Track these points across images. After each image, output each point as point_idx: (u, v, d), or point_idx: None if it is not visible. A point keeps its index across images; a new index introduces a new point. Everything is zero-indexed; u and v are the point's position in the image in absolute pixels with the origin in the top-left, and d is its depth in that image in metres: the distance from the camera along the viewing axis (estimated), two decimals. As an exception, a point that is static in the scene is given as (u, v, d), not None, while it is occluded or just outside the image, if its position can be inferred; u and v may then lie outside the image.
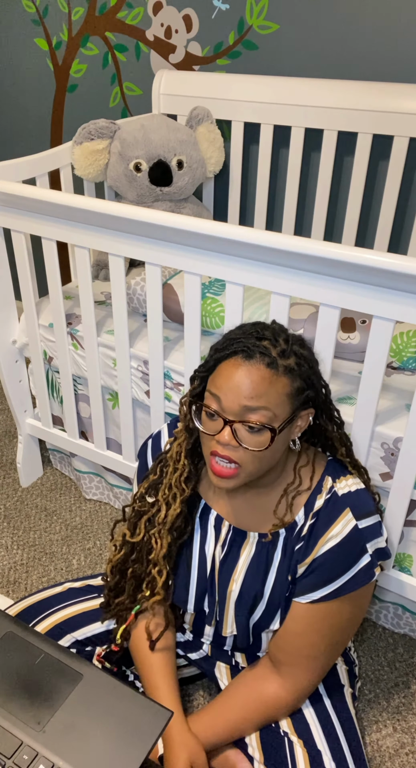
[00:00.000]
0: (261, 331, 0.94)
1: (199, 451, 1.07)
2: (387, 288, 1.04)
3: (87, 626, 1.19)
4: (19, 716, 0.74)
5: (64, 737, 0.72)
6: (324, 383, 0.99)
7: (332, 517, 1.00)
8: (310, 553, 1.00)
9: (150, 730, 0.73)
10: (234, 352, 0.92)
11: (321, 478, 1.03)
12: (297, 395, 0.94)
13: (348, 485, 1.02)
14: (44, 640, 0.83)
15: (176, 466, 1.06)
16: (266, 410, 0.90)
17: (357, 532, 0.99)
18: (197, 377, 1.00)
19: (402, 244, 1.83)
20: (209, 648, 1.20)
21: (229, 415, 0.91)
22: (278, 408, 0.92)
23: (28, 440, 1.89)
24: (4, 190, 1.34)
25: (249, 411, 0.90)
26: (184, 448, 1.05)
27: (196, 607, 1.12)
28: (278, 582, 1.04)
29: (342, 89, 1.66)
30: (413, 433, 1.14)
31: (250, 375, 0.90)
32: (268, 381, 0.90)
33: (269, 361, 0.91)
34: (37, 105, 2.27)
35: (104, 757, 0.71)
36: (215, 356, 0.95)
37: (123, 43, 2.00)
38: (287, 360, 0.92)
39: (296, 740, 1.05)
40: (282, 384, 0.92)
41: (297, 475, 1.02)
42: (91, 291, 1.45)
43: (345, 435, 1.06)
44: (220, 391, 0.92)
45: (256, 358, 0.91)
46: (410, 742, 1.30)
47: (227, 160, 1.90)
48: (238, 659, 1.18)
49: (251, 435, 0.91)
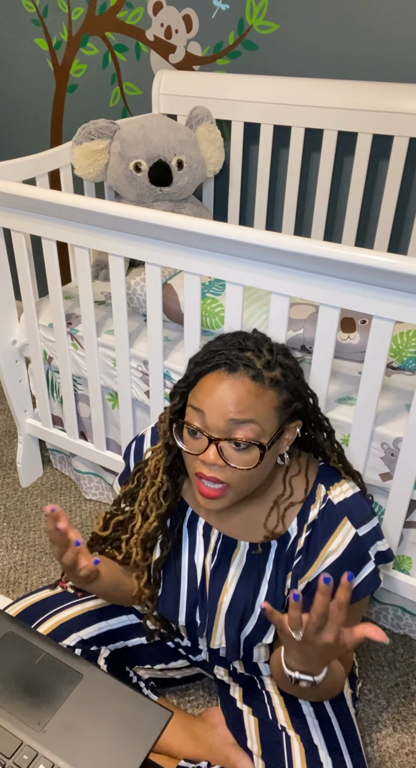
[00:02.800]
0: (243, 341, 0.90)
1: (179, 466, 1.03)
2: (387, 288, 1.04)
3: (91, 626, 1.19)
4: (19, 716, 0.74)
5: (64, 737, 0.73)
6: (311, 392, 0.95)
7: (330, 528, 0.96)
8: (310, 568, 0.97)
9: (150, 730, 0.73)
10: (216, 365, 0.88)
11: (314, 486, 0.99)
12: (285, 408, 0.90)
13: (343, 491, 0.98)
14: (44, 640, 0.83)
15: (154, 481, 1.02)
16: (254, 424, 0.86)
17: (357, 541, 0.96)
18: (177, 393, 0.94)
19: (402, 244, 1.83)
20: (207, 655, 1.19)
21: (214, 433, 0.87)
22: (266, 422, 0.87)
23: (28, 440, 1.89)
24: (4, 190, 1.34)
25: (236, 426, 0.86)
26: (162, 465, 1.01)
27: (187, 620, 1.08)
28: (271, 595, 1.02)
29: (342, 89, 1.66)
30: (413, 433, 1.14)
31: (235, 389, 0.86)
32: (254, 394, 0.86)
33: (254, 373, 0.86)
34: (37, 105, 2.27)
35: (104, 757, 0.71)
36: (196, 370, 0.90)
37: (123, 43, 2.00)
38: (272, 372, 0.88)
39: (294, 735, 1.05)
40: (269, 397, 0.87)
41: (288, 485, 0.99)
42: (91, 291, 1.45)
43: (336, 442, 1.02)
44: (203, 406, 0.87)
45: (240, 371, 0.86)
46: (410, 742, 1.30)
47: (227, 160, 1.90)
48: (236, 665, 1.17)
49: (238, 453, 0.87)
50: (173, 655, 1.24)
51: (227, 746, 1.15)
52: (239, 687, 1.18)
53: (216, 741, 1.18)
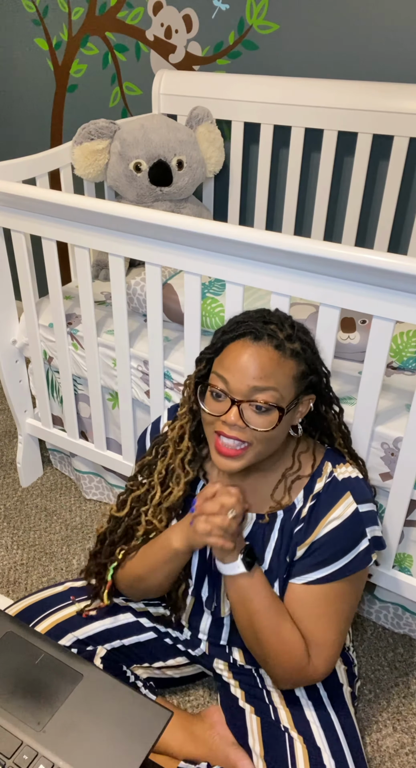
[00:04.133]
0: (267, 315, 0.97)
1: (201, 434, 1.07)
2: (387, 288, 1.04)
3: (88, 625, 1.19)
4: (19, 716, 0.74)
5: (64, 737, 0.73)
6: (325, 369, 1.01)
7: (333, 499, 1.01)
8: (310, 534, 1.02)
9: (150, 730, 0.73)
10: (242, 333, 0.94)
11: (321, 463, 1.05)
12: (302, 379, 0.96)
13: (348, 471, 1.04)
14: (44, 640, 0.83)
15: (179, 447, 1.07)
16: (274, 390, 0.92)
17: (357, 516, 1.00)
18: (204, 359, 1.01)
19: (402, 244, 1.83)
20: (207, 646, 1.20)
21: (236, 395, 0.93)
22: (285, 390, 0.94)
23: (28, 440, 1.89)
24: (4, 190, 1.34)
25: (257, 391, 0.92)
26: (187, 430, 1.06)
27: (195, 592, 1.13)
28: (275, 563, 1.05)
29: (342, 89, 1.66)
30: (413, 433, 1.14)
31: (259, 356, 0.92)
32: (276, 362, 0.93)
33: (277, 343, 0.93)
34: (37, 105, 2.27)
35: (104, 757, 0.71)
36: (223, 338, 0.97)
37: (123, 43, 2.00)
38: (293, 344, 0.94)
39: (297, 736, 1.05)
40: (289, 366, 0.94)
41: (297, 460, 1.04)
42: (91, 291, 1.45)
43: (344, 423, 1.08)
44: (228, 372, 0.93)
45: (264, 340, 0.93)
46: (410, 742, 1.30)
47: (227, 160, 1.90)
48: (236, 656, 1.18)
49: (258, 415, 0.93)
50: (172, 652, 1.24)
51: (227, 746, 1.15)
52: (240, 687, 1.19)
53: (216, 740, 1.18)
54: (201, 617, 1.17)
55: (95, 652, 1.18)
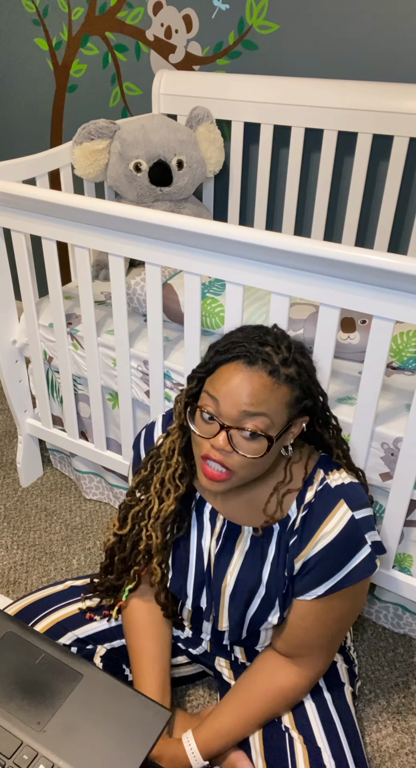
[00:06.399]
0: (264, 336, 0.93)
1: (191, 450, 1.06)
2: (387, 288, 1.04)
3: (88, 624, 1.19)
4: (19, 716, 0.74)
5: (64, 737, 0.73)
6: (321, 392, 0.98)
7: (325, 510, 0.98)
8: (305, 547, 0.99)
9: (150, 730, 0.73)
10: (236, 356, 0.91)
11: (312, 471, 1.02)
12: (295, 404, 0.93)
13: (341, 478, 1.01)
14: (44, 639, 0.83)
15: (170, 462, 1.05)
16: (264, 417, 0.89)
17: (354, 524, 0.98)
18: (195, 377, 0.98)
19: (402, 244, 1.83)
20: (208, 644, 1.20)
21: (226, 420, 0.90)
22: (277, 416, 0.91)
23: (28, 440, 1.89)
24: (4, 190, 1.34)
25: (248, 416, 0.89)
26: (177, 446, 1.04)
27: (194, 604, 1.12)
28: (273, 576, 1.04)
29: (342, 89, 1.66)
30: (413, 433, 1.14)
31: (251, 381, 0.89)
32: (269, 389, 0.89)
33: (272, 368, 0.90)
34: (37, 105, 2.27)
35: (104, 757, 0.71)
36: (216, 358, 0.94)
37: (123, 43, 2.00)
38: (288, 369, 0.91)
39: (297, 736, 1.05)
40: (282, 392, 0.91)
41: (288, 472, 1.02)
42: (92, 291, 1.45)
43: (342, 439, 1.05)
44: (219, 395, 0.91)
45: (258, 365, 0.89)
46: (410, 742, 1.30)
47: (227, 160, 1.90)
48: (237, 654, 1.18)
49: (247, 442, 0.90)
50: (172, 651, 1.24)
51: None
52: None
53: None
54: (202, 620, 1.17)
55: (95, 651, 1.18)
